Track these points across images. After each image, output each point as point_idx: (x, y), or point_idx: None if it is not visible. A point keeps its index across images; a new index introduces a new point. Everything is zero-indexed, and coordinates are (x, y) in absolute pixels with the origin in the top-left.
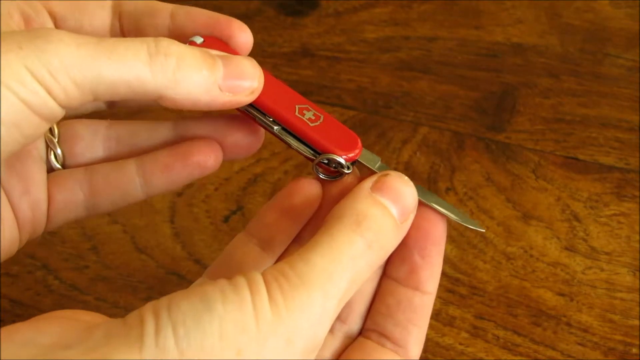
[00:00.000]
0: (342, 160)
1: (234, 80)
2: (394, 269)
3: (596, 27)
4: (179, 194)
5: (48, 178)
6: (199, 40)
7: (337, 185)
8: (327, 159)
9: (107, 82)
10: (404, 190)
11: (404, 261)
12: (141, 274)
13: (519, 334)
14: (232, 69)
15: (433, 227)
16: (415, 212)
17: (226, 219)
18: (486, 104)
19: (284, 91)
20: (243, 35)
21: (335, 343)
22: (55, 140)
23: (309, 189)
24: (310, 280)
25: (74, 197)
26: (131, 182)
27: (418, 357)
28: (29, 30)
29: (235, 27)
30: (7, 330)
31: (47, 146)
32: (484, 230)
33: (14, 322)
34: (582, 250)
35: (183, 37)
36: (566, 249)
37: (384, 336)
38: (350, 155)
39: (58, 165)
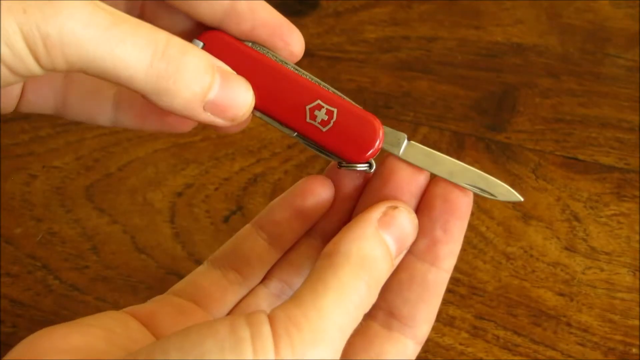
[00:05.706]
0: (361, 167)
1: (221, 103)
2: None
3: (596, 27)
4: (179, 194)
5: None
6: (199, 44)
7: (353, 179)
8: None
9: (98, 70)
10: (409, 230)
11: (425, 234)
12: (141, 274)
13: (519, 334)
14: (224, 92)
15: (459, 200)
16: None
17: (226, 219)
18: (486, 104)
19: (292, 86)
20: (297, 47)
21: None
22: None
23: (321, 190)
24: (324, 337)
25: (44, 102)
26: (103, 112)
27: (426, 337)
28: None
29: (296, 38)
30: None
31: None
32: (522, 200)
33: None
34: (582, 250)
35: (237, 26)
36: (566, 249)
37: (391, 315)
38: (369, 153)
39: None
